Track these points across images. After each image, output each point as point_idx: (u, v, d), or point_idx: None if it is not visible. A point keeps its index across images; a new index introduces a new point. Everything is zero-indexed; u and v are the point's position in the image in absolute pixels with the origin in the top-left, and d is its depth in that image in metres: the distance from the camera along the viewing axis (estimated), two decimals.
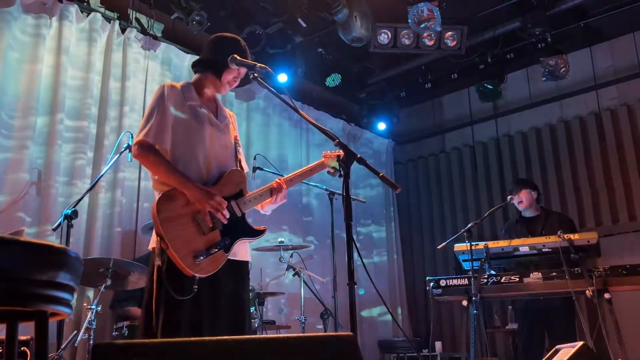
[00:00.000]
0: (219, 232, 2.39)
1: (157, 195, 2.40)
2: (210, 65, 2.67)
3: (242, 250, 2.56)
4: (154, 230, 2.38)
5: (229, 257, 2.41)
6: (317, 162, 2.76)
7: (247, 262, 2.61)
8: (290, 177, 2.72)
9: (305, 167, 2.78)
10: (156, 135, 2.46)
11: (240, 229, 2.48)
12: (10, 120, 4.35)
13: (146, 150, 2.43)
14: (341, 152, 2.28)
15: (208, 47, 2.72)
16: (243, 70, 2.66)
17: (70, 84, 4.75)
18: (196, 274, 2.28)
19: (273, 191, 2.62)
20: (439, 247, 4.54)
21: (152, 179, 2.54)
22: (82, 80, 4.84)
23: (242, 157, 2.73)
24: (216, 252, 2.35)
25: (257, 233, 2.54)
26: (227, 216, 2.40)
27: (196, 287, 2.28)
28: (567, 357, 3.12)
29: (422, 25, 5.62)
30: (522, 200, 4.65)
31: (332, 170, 2.58)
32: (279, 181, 2.66)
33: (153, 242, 2.40)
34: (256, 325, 4.49)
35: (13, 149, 4.32)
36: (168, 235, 2.26)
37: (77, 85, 4.81)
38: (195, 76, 2.73)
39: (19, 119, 4.39)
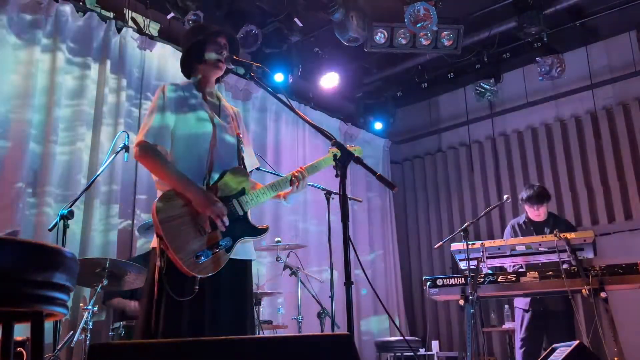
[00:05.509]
0: (220, 232, 2.36)
1: (159, 195, 2.38)
2: (190, 55, 2.65)
3: (245, 248, 2.52)
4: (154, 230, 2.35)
5: (231, 257, 2.38)
6: (321, 157, 2.74)
7: (250, 261, 2.56)
8: (308, 167, 2.71)
9: (313, 162, 2.75)
10: (156, 136, 2.42)
11: (242, 228, 2.44)
12: (6, 120, 4.34)
13: (146, 151, 2.40)
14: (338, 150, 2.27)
15: (182, 46, 2.79)
16: (222, 40, 2.64)
17: (66, 84, 4.74)
18: (197, 275, 2.25)
19: (294, 179, 2.61)
20: (435, 246, 4.54)
21: (155, 178, 2.51)
22: (78, 80, 4.83)
23: (246, 154, 2.69)
24: (217, 252, 2.32)
25: (260, 232, 2.51)
26: (227, 224, 2.37)
27: (197, 287, 2.25)
28: (563, 356, 3.13)
29: (418, 25, 5.62)
30: (540, 214, 4.65)
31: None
32: (300, 169, 2.65)
33: (154, 242, 2.36)
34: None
35: (9, 149, 4.31)
36: (168, 236, 2.23)
37: (72, 84, 4.80)
38: (190, 79, 2.71)
39: (14, 119, 4.38)
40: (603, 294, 3.78)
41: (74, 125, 4.73)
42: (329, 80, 6.83)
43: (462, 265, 4.22)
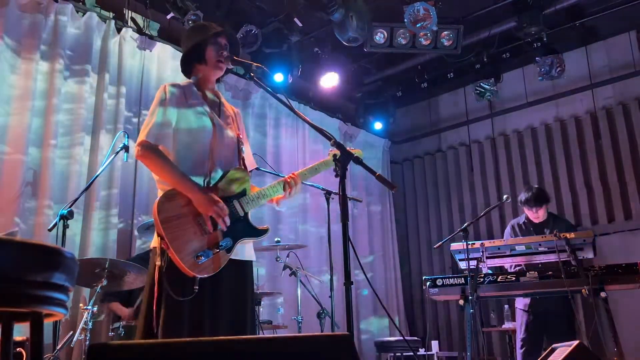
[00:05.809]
0: (220, 233, 2.36)
1: (160, 195, 2.38)
2: (191, 54, 2.64)
3: (246, 249, 2.52)
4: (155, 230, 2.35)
5: (231, 257, 2.38)
6: (321, 160, 2.71)
7: (250, 262, 2.56)
8: (302, 171, 2.69)
9: (313, 164, 2.73)
10: (158, 136, 2.43)
11: (242, 228, 2.44)
12: (4, 122, 4.34)
13: (148, 151, 2.40)
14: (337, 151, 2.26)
15: (182, 45, 2.76)
16: (223, 40, 2.63)
17: (66, 84, 4.74)
18: (197, 275, 2.25)
19: (286, 185, 2.59)
20: (435, 246, 4.53)
21: (156, 178, 2.52)
22: (77, 81, 4.83)
23: (246, 154, 2.69)
24: (217, 252, 2.32)
25: (260, 233, 2.51)
26: (228, 223, 2.37)
27: (197, 287, 2.25)
28: (563, 356, 3.12)
29: (418, 25, 5.62)
30: (538, 216, 4.64)
31: None
32: (292, 175, 2.63)
33: (155, 241, 2.36)
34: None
35: (8, 152, 4.30)
36: (168, 236, 2.23)
37: (72, 85, 4.80)
38: (190, 78, 2.71)
39: (13, 119, 4.37)
40: (603, 294, 3.78)
41: (72, 130, 4.72)
42: (329, 80, 6.82)
43: (462, 265, 4.22)
